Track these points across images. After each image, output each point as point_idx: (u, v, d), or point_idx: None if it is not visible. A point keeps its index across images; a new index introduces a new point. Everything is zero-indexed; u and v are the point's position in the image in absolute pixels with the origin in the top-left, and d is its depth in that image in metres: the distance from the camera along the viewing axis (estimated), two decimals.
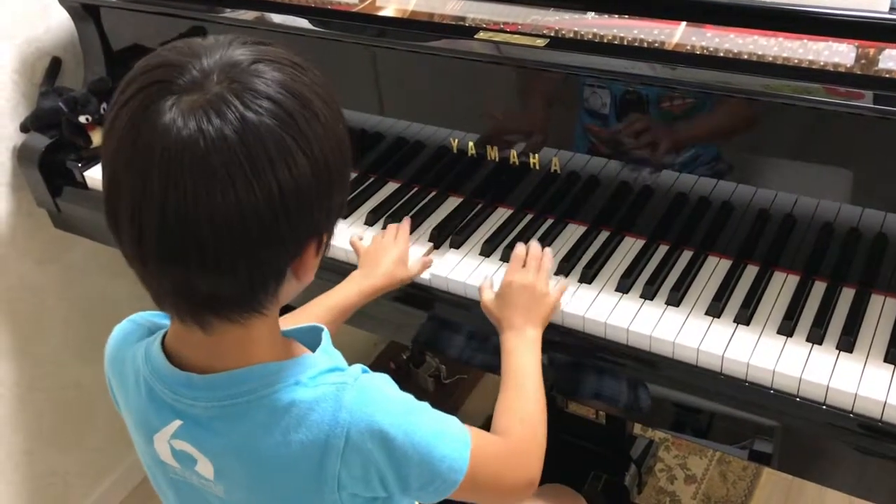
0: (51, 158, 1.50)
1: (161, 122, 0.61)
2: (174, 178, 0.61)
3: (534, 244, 1.08)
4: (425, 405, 0.78)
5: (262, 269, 0.67)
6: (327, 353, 0.78)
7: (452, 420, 0.79)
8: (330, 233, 0.72)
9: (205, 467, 0.75)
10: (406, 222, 1.20)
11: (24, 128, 1.54)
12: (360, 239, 1.18)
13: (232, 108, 0.61)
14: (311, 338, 0.80)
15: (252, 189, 0.62)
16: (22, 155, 1.52)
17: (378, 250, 1.14)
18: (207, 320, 0.69)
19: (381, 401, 0.74)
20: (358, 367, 0.77)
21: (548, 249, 1.09)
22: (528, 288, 1.02)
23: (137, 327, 0.82)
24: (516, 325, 0.99)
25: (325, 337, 0.80)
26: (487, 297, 1.05)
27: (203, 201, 0.61)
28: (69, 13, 1.53)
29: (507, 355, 0.97)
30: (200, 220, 0.62)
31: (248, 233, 0.63)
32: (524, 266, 1.05)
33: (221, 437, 0.73)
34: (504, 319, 1.01)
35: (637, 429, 1.79)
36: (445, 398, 2.02)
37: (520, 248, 1.07)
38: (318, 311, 1.03)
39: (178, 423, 0.75)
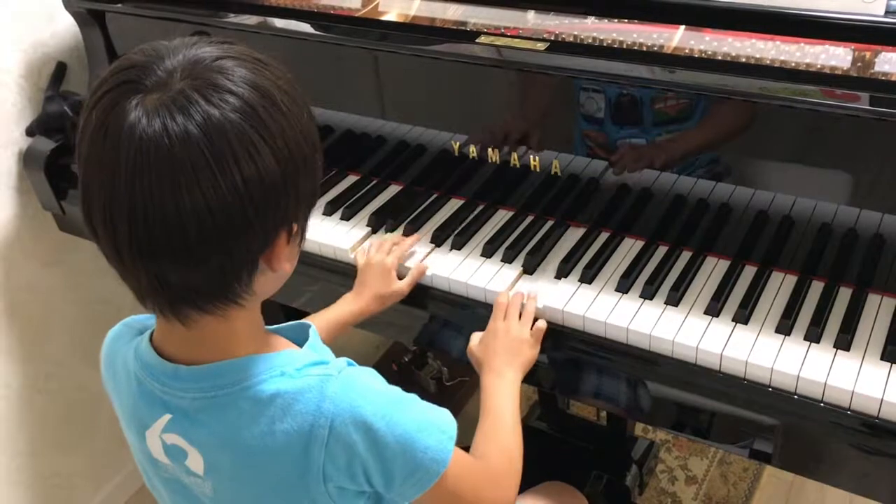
0: (56, 162, 1.52)
1: (127, 121, 0.63)
2: (140, 176, 0.63)
3: (515, 295, 1.08)
4: (413, 397, 0.79)
5: (233, 260, 0.68)
6: (314, 349, 0.79)
7: (440, 412, 0.80)
8: (301, 222, 0.73)
9: (195, 461, 0.77)
10: (413, 237, 1.21)
11: (30, 132, 1.55)
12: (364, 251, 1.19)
13: (195, 105, 0.63)
14: (298, 334, 0.81)
15: (218, 183, 0.63)
16: (28, 158, 1.54)
17: (366, 269, 1.15)
18: (186, 313, 0.71)
19: (365, 392, 0.75)
20: (343, 359, 0.78)
21: (531, 294, 1.09)
22: (508, 335, 1.04)
23: (129, 329, 0.84)
24: (496, 369, 1.01)
25: (313, 333, 0.81)
26: (474, 342, 1.07)
27: (170, 197, 0.63)
28: (75, 18, 1.55)
29: (486, 395, 0.99)
30: (169, 216, 0.63)
31: (216, 225, 0.64)
32: (506, 313, 1.06)
33: (209, 429, 0.75)
34: (485, 363, 1.03)
35: (638, 430, 1.80)
36: (447, 400, 2.02)
37: (502, 296, 1.08)
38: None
39: (167, 416, 0.76)
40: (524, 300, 1.08)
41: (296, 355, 0.77)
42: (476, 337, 1.08)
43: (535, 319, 1.07)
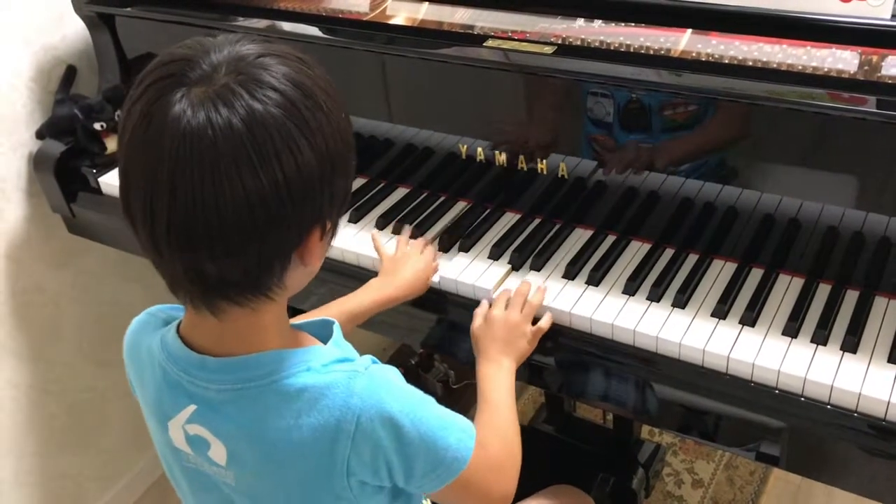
0: (66, 164, 1.53)
1: (171, 112, 0.64)
2: (183, 167, 0.63)
3: (523, 284, 1.10)
4: (430, 398, 0.80)
5: (268, 254, 0.69)
6: (338, 346, 0.80)
7: (457, 414, 0.82)
8: (334, 220, 0.74)
9: (218, 452, 0.77)
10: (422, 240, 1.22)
11: (40, 134, 1.56)
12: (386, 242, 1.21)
13: (239, 99, 0.64)
14: (322, 331, 0.82)
15: (258, 177, 0.64)
16: (38, 161, 1.55)
17: (400, 259, 1.16)
18: (218, 305, 0.72)
19: (391, 389, 0.76)
20: (368, 357, 0.79)
21: (540, 285, 1.10)
22: (508, 323, 1.04)
23: (154, 318, 0.85)
24: (492, 356, 1.02)
25: (337, 330, 0.82)
26: (477, 323, 1.07)
27: (210, 189, 0.63)
28: (84, 22, 1.56)
29: (483, 382, 1.00)
30: (209, 207, 0.64)
31: (254, 219, 0.65)
32: (509, 301, 1.07)
33: (234, 421, 0.75)
34: (482, 349, 1.04)
35: (644, 432, 1.80)
36: (454, 403, 2.00)
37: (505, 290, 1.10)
38: (330, 314, 1.05)
39: (192, 407, 0.77)
40: (533, 291, 1.08)
41: (322, 351, 0.78)
42: (479, 316, 1.08)
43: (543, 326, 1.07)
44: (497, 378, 1.00)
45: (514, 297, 1.07)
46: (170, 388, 0.78)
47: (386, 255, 1.18)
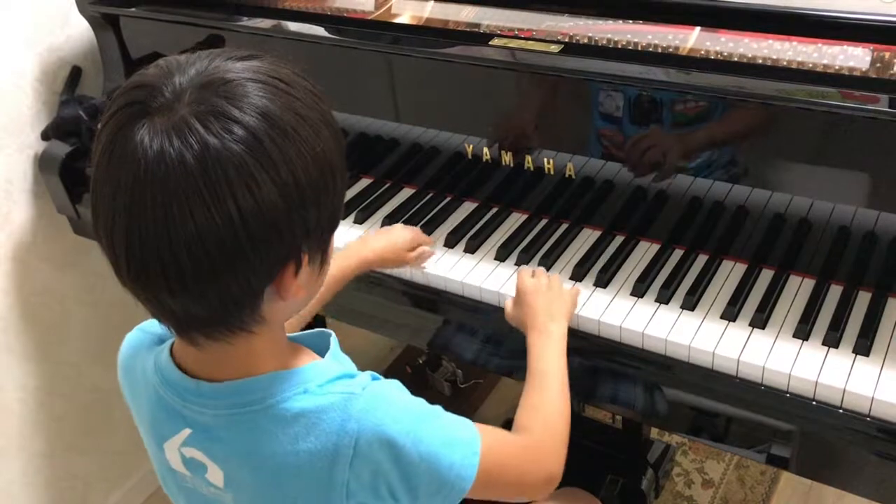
0: (71, 165, 1.52)
1: (130, 144, 0.62)
2: (137, 201, 0.62)
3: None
4: (437, 410, 0.78)
5: (232, 293, 0.66)
6: (336, 359, 0.78)
7: (464, 424, 0.79)
8: (314, 251, 0.70)
9: (215, 475, 0.76)
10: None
11: (45, 135, 1.56)
12: None
13: (194, 133, 0.61)
14: (319, 343, 0.80)
15: (211, 214, 0.62)
16: (43, 162, 1.54)
17: (385, 230, 1.19)
18: (194, 338, 0.70)
19: (389, 409, 0.74)
20: (368, 374, 0.77)
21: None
22: (540, 290, 1.03)
23: (147, 336, 0.83)
24: (539, 325, 1.00)
25: (334, 342, 0.80)
26: (508, 307, 1.06)
27: (163, 226, 0.62)
28: (89, 23, 1.55)
29: (532, 356, 0.98)
30: (161, 243, 0.62)
31: (210, 257, 0.63)
32: (533, 272, 1.07)
33: (230, 445, 0.74)
34: (527, 322, 1.02)
35: (654, 433, 1.79)
36: (462, 402, 2.02)
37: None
38: None
39: (187, 431, 0.76)
40: None
41: (319, 369, 0.75)
42: (510, 302, 1.07)
43: None
44: (547, 350, 0.97)
45: (537, 270, 1.08)
46: (165, 411, 0.77)
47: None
